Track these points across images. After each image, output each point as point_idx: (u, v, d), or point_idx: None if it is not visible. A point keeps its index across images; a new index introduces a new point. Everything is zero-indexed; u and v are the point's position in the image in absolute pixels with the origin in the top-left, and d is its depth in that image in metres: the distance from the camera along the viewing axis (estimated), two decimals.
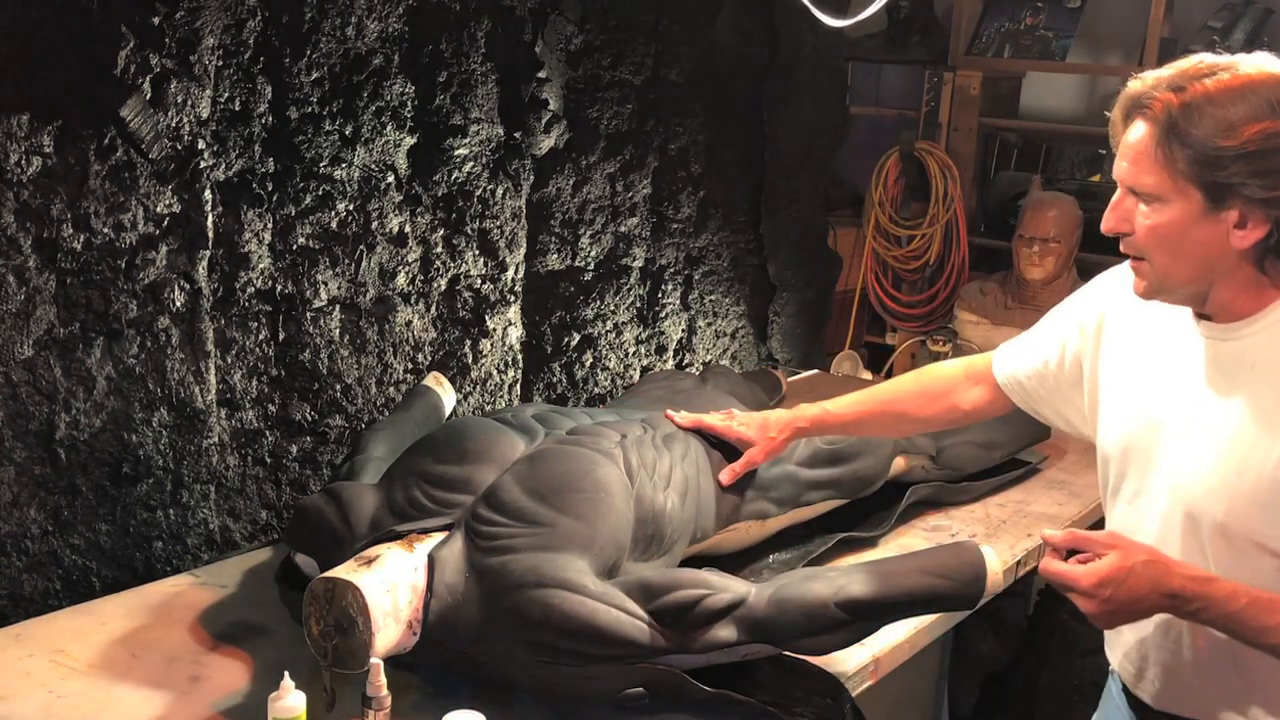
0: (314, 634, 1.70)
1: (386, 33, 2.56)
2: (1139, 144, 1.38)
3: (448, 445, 2.04)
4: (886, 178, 4.41)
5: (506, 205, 2.94)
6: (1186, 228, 1.36)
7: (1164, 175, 1.35)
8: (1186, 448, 1.45)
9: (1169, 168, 1.34)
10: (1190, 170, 1.33)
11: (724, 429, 2.20)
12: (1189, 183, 1.33)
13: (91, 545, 2.23)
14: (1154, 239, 1.39)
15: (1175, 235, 1.37)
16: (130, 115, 2.11)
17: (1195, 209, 1.34)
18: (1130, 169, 1.39)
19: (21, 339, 2.06)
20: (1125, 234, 1.43)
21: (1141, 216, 1.39)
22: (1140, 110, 1.38)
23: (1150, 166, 1.36)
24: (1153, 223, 1.38)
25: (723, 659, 1.75)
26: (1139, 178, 1.38)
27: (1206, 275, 1.39)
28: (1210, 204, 1.33)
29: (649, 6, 3.25)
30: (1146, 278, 1.44)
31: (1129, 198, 1.41)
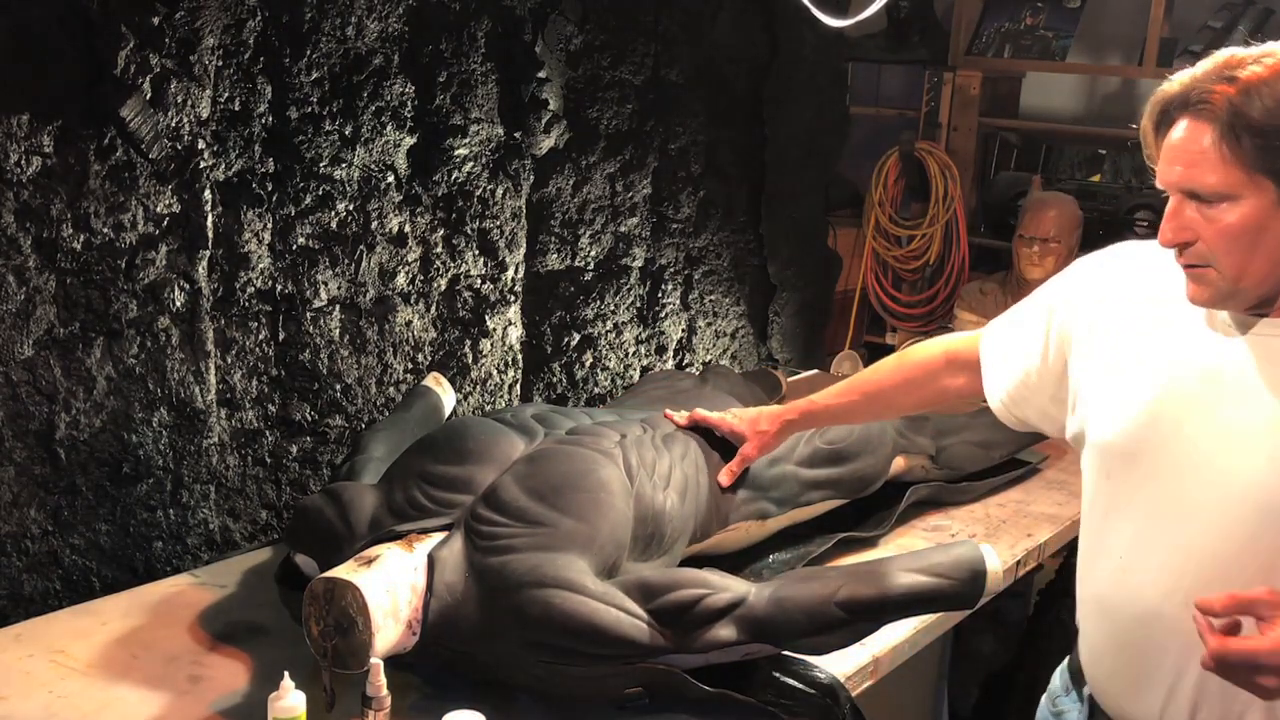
0: (314, 634, 1.69)
1: (386, 33, 2.56)
2: (1195, 143, 1.30)
3: (447, 445, 2.04)
4: (886, 178, 4.41)
5: (506, 205, 2.94)
6: (1263, 222, 1.28)
7: (1232, 170, 1.28)
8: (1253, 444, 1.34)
9: (1237, 161, 1.27)
10: (1260, 159, 1.26)
11: (718, 420, 2.20)
12: (1260, 173, 1.26)
13: (91, 545, 2.23)
14: (1226, 241, 1.30)
15: (1250, 233, 1.29)
16: (130, 115, 2.11)
17: (1269, 201, 1.27)
18: (1188, 172, 1.31)
19: (21, 339, 2.06)
20: (1188, 243, 1.34)
21: (1208, 220, 1.31)
22: (1189, 109, 1.31)
23: (1215, 164, 1.29)
24: (1225, 224, 1.30)
25: (723, 659, 1.75)
26: (1201, 179, 1.30)
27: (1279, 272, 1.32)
28: None
29: (649, 6, 3.25)
30: (1213, 285, 1.34)
31: (1187, 204, 1.33)
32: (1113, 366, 1.51)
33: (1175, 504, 1.40)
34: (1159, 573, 1.41)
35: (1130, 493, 1.47)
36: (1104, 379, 1.52)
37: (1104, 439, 1.51)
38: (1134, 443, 1.46)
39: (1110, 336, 1.52)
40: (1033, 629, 3.15)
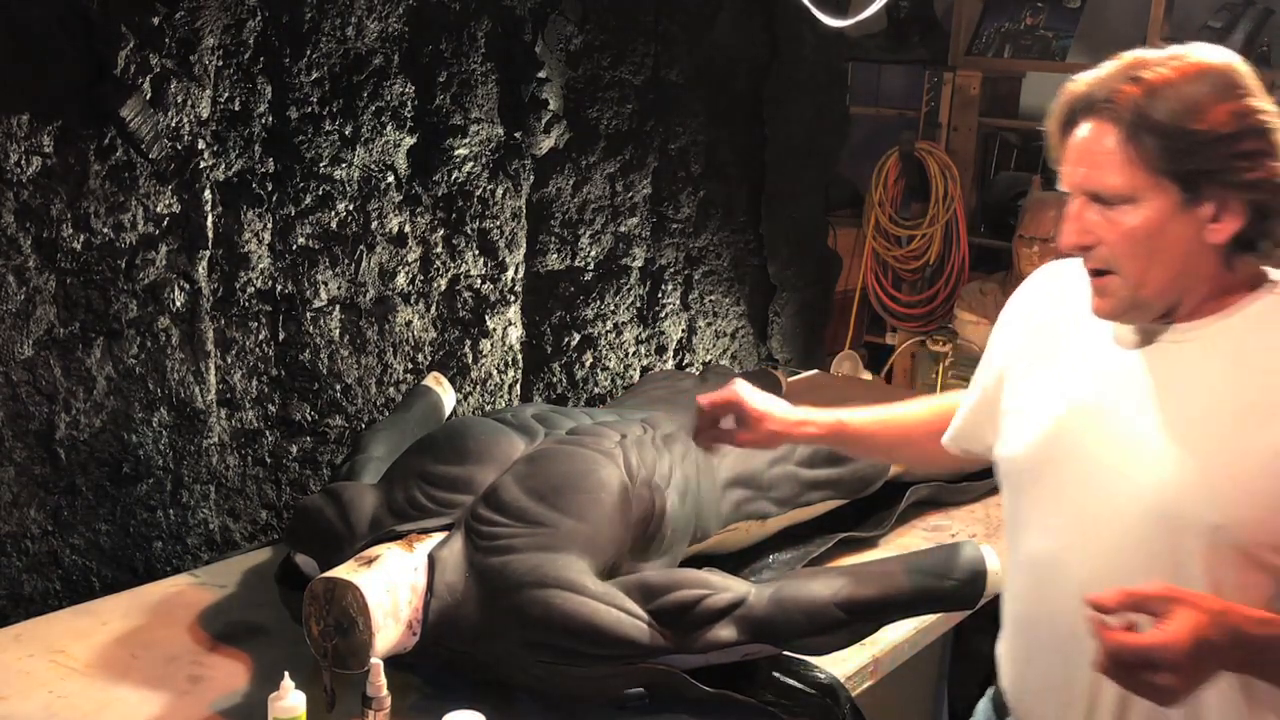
0: (314, 634, 1.69)
1: (386, 33, 2.56)
2: (1099, 144, 1.29)
3: (448, 445, 2.04)
4: (886, 178, 4.41)
5: (506, 205, 2.94)
6: (1163, 226, 1.27)
7: (1136, 171, 1.26)
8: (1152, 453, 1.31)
9: (1141, 163, 1.25)
10: (1163, 161, 1.24)
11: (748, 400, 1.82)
12: (1163, 176, 1.25)
13: (91, 545, 2.23)
14: (1128, 245, 1.28)
15: (1151, 237, 1.27)
16: (130, 115, 2.11)
17: (1171, 204, 1.26)
18: (1091, 173, 1.29)
19: (21, 339, 2.06)
20: (1088, 247, 1.32)
21: (1110, 223, 1.29)
22: (1094, 110, 1.30)
23: (1118, 165, 1.27)
24: (1127, 227, 1.28)
25: (723, 659, 1.75)
26: (1103, 180, 1.28)
27: (1181, 280, 1.30)
28: (1186, 196, 1.25)
29: (649, 6, 3.25)
30: (1115, 294, 1.32)
31: (1090, 207, 1.30)
32: (1027, 385, 1.49)
33: (1081, 517, 1.37)
34: (1070, 586, 1.35)
35: (1038, 508, 1.44)
36: (1019, 398, 1.50)
37: (1010, 455, 1.49)
38: (1038, 458, 1.43)
39: (1029, 355, 1.51)
40: None
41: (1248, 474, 1.25)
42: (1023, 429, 1.47)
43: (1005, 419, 1.51)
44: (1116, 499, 1.33)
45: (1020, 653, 1.53)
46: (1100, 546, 1.35)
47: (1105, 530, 1.34)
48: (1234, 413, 1.28)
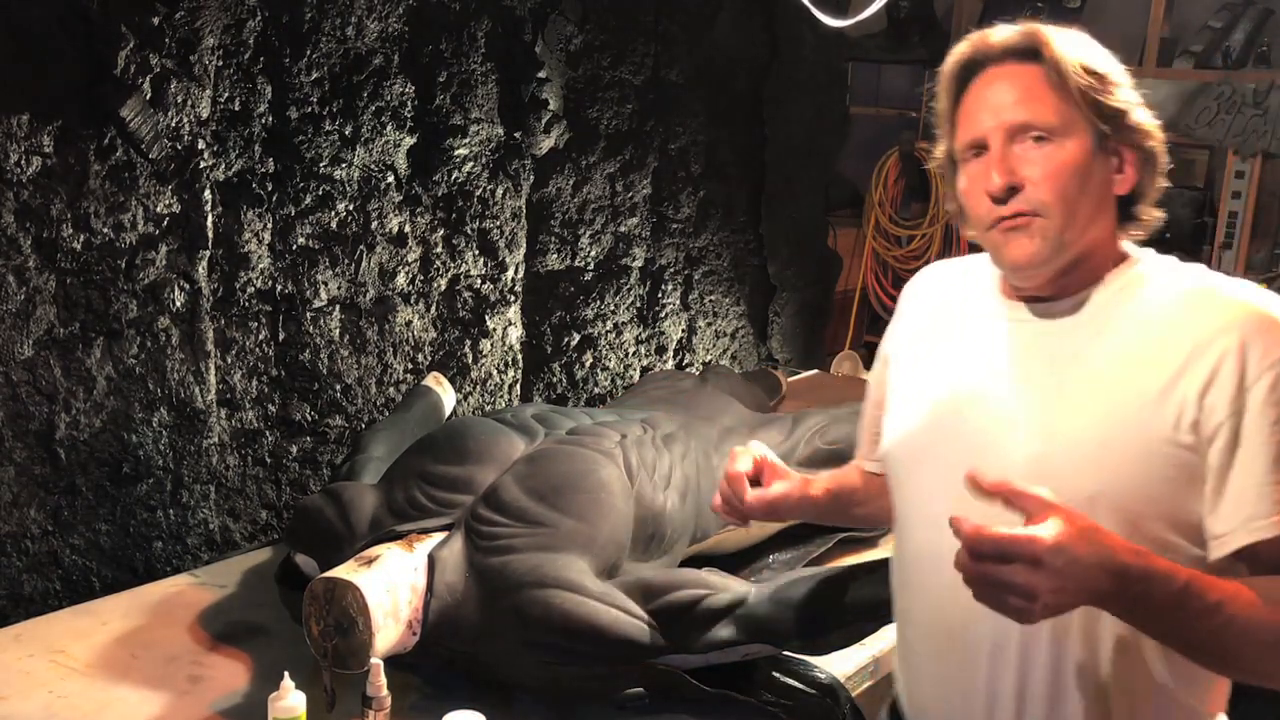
0: (314, 634, 1.69)
1: (386, 33, 2.56)
2: (1024, 80, 1.28)
3: (448, 445, 2.04)
4: (886, 178, 4.41)
5: (506, 205, 2.94)
6: (1089, 164, 1.27)
7: (1064, 106, 1.26)
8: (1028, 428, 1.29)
9: (1066, 98, 1.26)
10: (1085, 98, 1.25)
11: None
12: (1086, 111, 1.26)
13: (91, 545, 2.23)
14: (1058, 180, 1.26)
15: (1079, 174, 1.26)
16: (130, 115, 2.11)
17: (1090, 143, 1.27)
18: (1022, 106, 1.27)
19: (21, 339, 2.06)
20: (1017, 188, 1.28)
21: (1042, 159, 1.27)
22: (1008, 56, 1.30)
23: (1048, 99, 1.26)
24: (1059, 161, 1.26)
25: (723, 659, 1.75)
26: (1036, 112, 1.27)
27: (1092, 231, 1.29)
28: (1101, 138, 1.27)
29: (649, 6, 3.25)
30: (1042, 234, 1.28)
31: (1015, 145, 1.28)
32: (909, 379, 1.48)
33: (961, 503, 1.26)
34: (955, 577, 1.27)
35: (920, 499, 1.41)
36: (901, 392, 1.49)
37: (891, 447, 1.46)
38: (918, 446, 1.42)
39: (912, 353, 1.50)
40: None
41: (1119, 446, 1.24)
42: (903, 420, 1.45)
43: (888, 415, 1.49)
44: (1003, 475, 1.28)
45: (911, 653, 1.47)
46: None
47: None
48: (1105, 386, 1.27)
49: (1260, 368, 1.20)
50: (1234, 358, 1.21)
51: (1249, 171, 3.54)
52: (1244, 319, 1.22)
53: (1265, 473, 1.20)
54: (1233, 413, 1.20)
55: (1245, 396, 1.20)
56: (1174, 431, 1.22)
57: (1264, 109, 3.57)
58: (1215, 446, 1.22)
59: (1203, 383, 1.22)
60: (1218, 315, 1.24)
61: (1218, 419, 1.21)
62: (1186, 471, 1.23)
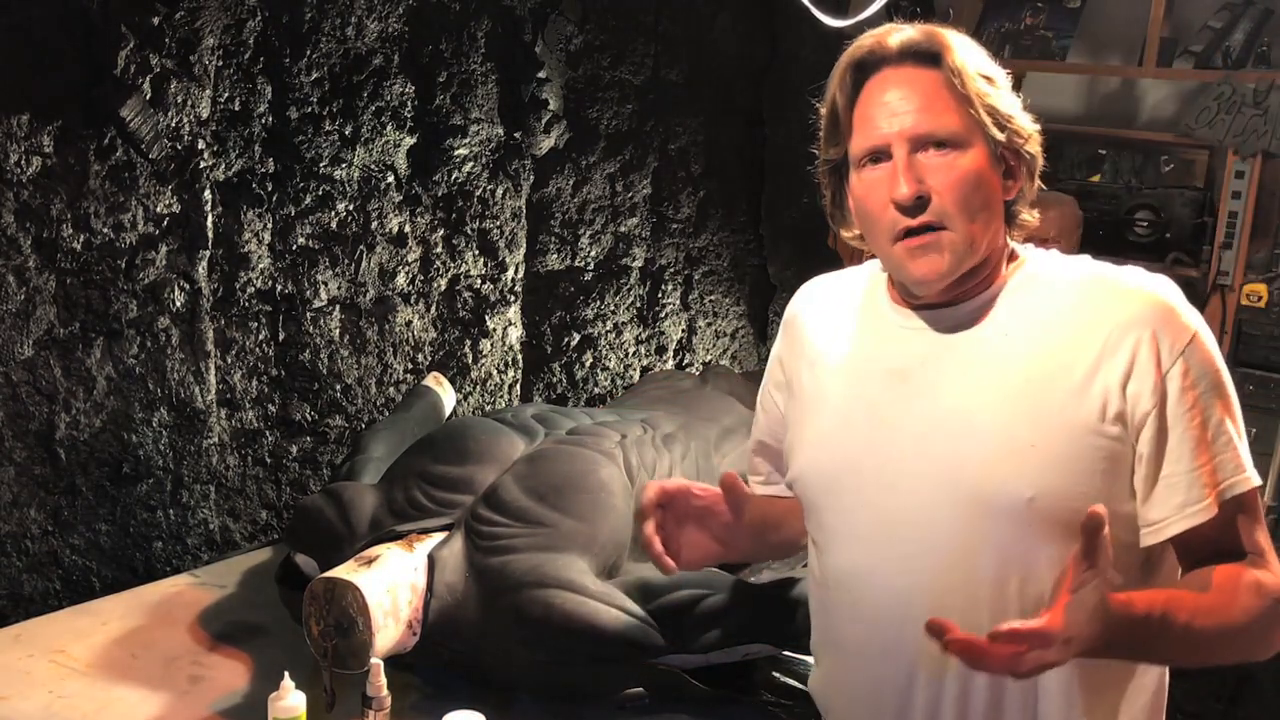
0: (314, 634, 1.69)
1: (386, 33, 2.56)
2: (926, 87, 1.25)
3: (448, 445, 2.04)
4: None
5: (506, 205, 2.94)
6: (988, 172, 1.25)
7: (964, 113, 1.24)
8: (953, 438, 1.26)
9: (965, 106, 1.24)
10: (980, 105, 1.24)
11: None
12: (981, 119, 1.24)
13: (91, 545, 2.23)
14: (961, 190, 1.23)
15: (981, 183, 1.25)
16: (130, 115, 2.11)
17: (988, 150, 1.25)
18: (924, 116, 1.24)
19: (21, 339, 2.06)
20: (925, 197, 1.24)
21: (945, 168, 1.24)
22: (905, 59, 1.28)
23: (950, 107, 1.24)
24: (962, 170, 1.23)
25: (723, 659, 1.75)
26: (939, 120, 1.24)
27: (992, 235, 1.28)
28: (994, 145, 1.25)
29: (649, 6, 3.25)
30: (948, 248, 1.25)
31: (918, 155, 1.25)
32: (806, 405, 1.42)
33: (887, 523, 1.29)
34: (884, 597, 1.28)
35: (840, 523, 1.35)
36: (800, 418, 1.43)
37: (801, 473, 1.40)
38: (831, 469, 1.36)
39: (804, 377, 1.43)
40: None
41: (1052, 442, 1.22)
42: (813, 443, 1.39)
43: (794, 439, 1.43)
44: (922, 494, 1.27)
45: (838, 676, 1.42)
46: (913, 549, 1.27)
47: (916, 531, 1.27)
48: (1025, 385, 1.25)
49: (1173, 354, 1.21)
50: (1148, 347, 1.21)
51: (1249, 171, 3.54)
52: (1149, 308, 1.23)
53: (1192, 458, 1.21)
54: (1156, 401, 1.21)
55: (1164, 384, 1.21)
56: (1100, 423, 1.22)
57: (1264, 109, 3.56)
58: (1144, 436, 1.22)
59: (1122, 373, 1.22)
60: (1123, 307, 1.24)
61: (1144, 408, 1.21)
62: (1115, 463, 1.23)
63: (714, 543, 1.43)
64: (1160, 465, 1.22)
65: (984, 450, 1.25)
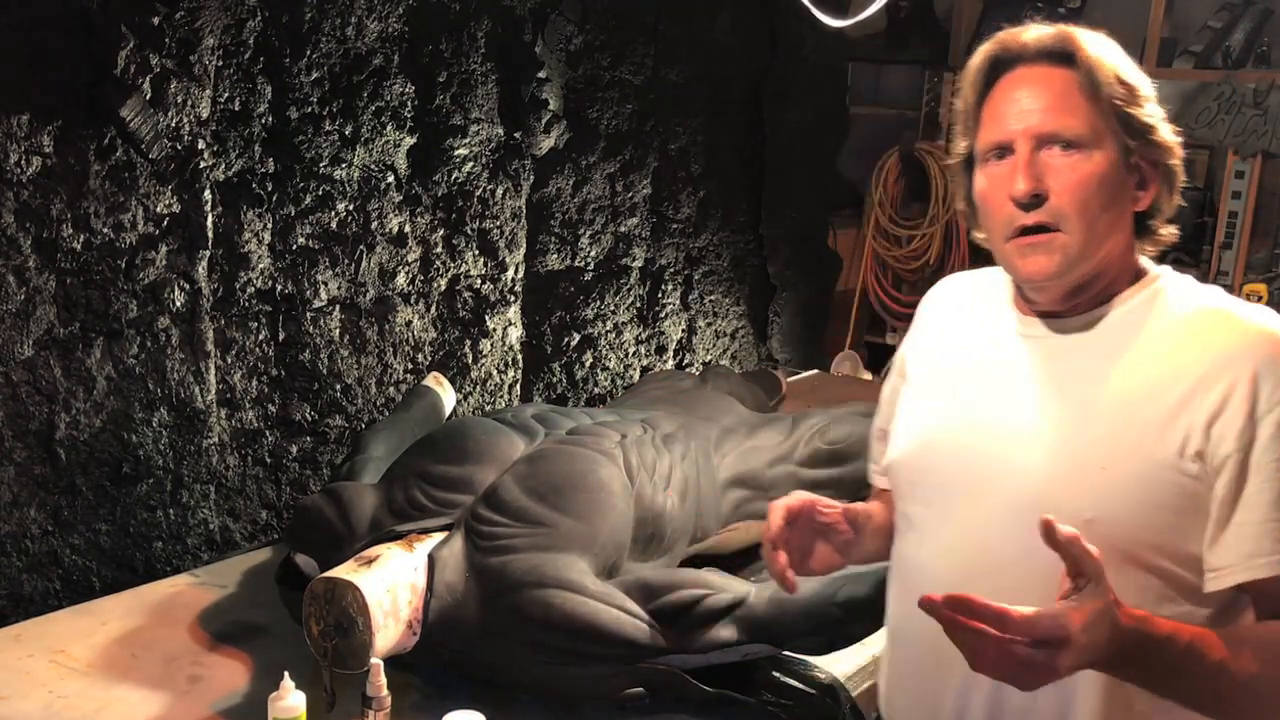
0: (314, 634, 1.69)
1: (386, 33, 2.56)
2: (1055, 86, 1.25)
3: (448, 445, 2.04)
4: (886, 178, 4.41)
5: (506, 205, 2.94)
6: (1113, 177, 1.24)
7: (1094, 115, 1.23)
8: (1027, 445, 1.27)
9: (1097, 107, 1.23)
10: (1114, 108, 1.24)
11: None
12: (1113, 123, 1.24)
13: (91, 545, 2.23)
14: (1082, 192, 1.23)
15: (1103, 187, 1.23)
16: (130, 115, 2.11)
17: (1116, 156, 1.24)
18: (1050, 115, 1.24)
19: (21, 339, 2.06)
20: (1042, 197, 1.24)
21: (1067, 169, 1.23)
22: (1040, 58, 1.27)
23: (1078, 107, 1.24)
24: (1085, 172, 1.23)
25: (723, 659, 1.75)
26: (1066, 120, 1.23)
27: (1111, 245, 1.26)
28: (1126, 151, 1.24)
29: (649, 6, 3.25)
30: (1061, 249, 1.24)
31: (1041, 153, 1.24)
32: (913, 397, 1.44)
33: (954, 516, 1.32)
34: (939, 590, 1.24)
35: (918, 512, 1.39)
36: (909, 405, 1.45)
37: (893, 460, 1.43)
38: (919, 460, 1.38)
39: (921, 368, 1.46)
40: None
41: (1121, 471, 1.20)
42: (911, 433, 1.42)
43: (896, 426, 1.45)
44: (989, 500, 1.28)
45: (893, 666, 1.46)
46: (973, 553, 1.28)
47: (979, 536, 1.28)
48: (1110, 408, 1.23)
49: (1272, 400, 1.16)
50: (1245, 387, 1.16)
51: (1249, 171, 3.54)
52: (1258, 346, 1.18)
53: (1269, 509, 1.16)
54: (1240, 446, 1.16)
55: (1255, 429, 1.16)
56: (1178, 459, 1.18)
57: (1264, 109, 3.57)
58: (1221, 479, 1.17)
59: (1210, 412, 1.17)
60: (1231, 341, 1.20)
61: (1225, 451, 1.17)
62: (1189, 500, 1.19)
63: (836, 554, 1.44)
64: (1233, 511, 1.17)
65: (1052, 465, 1.24)
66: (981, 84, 1.32)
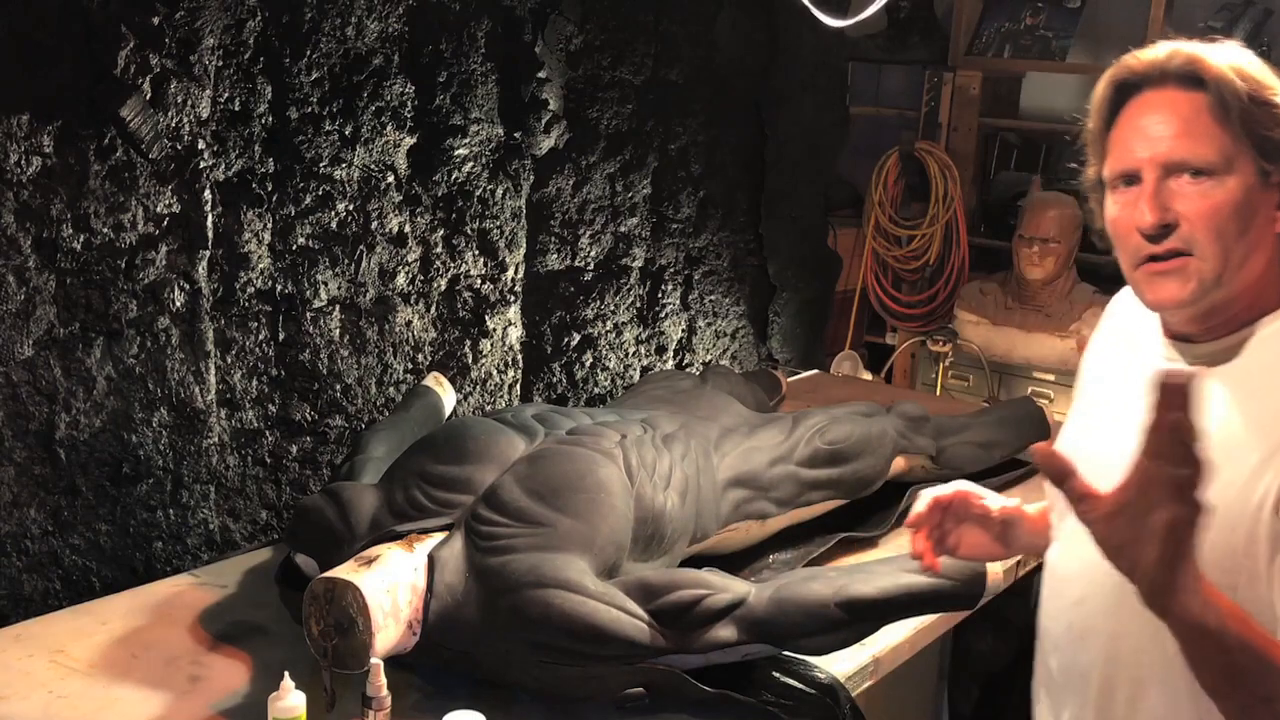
0: (314, 634, 1.69)
1: (386, 33, 2.56)
2: (1183, 111, 1.21)
3: (448, 445, 2.04)
4: (886, 178, 4.41)
5: (506, 205, 2.94)
6: (1248, 201, 1.20)
7: (1225, 139, 1.19)
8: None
9: (1229, 131, 1.19)
10: (1247, 130, 1.19)
11: None
12: (1247, 146, 1.20)
13: (91, 545, 2.23)
14: (1214, 220, 1.19)
15: (1237, 212, 1.19)
16: (130, 115, 2.11)
17: (1253, 179, 1.20)
18: (1178, 142, 1.20)
19: (21, 339, 2.06)
20: (1170, 227, 1.21)
21: (1198, 196, 1.20)
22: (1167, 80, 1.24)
23: (1207, 133, 1.20)
24: (1216, 200, 1.19)
25: (723, 659, 1.75)
26: (1194, 148, 1.20)
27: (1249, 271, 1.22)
28: (1265, 172, 1.20)
29: (649, 6, 3.25)
30: (1194, 276, 1.21)
31: (1169, 181, 1.21)
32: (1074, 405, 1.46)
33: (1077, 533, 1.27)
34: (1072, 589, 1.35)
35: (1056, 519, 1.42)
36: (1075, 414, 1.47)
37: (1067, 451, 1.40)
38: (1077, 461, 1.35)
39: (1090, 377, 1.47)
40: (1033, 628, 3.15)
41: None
42: (1068, 440, 1.43)
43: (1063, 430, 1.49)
44: None
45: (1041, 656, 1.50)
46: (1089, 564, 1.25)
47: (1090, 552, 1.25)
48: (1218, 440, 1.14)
49: None
50: None
51: None
52: None
53: None
54: None
55: None
56: (1258, 512, 1.15)
57: None
58: None
59: None
60: None
61: None
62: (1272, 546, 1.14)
63: (995, 543, 1.49)
64: None
65: None
66: (1107, 110, 1.29)
